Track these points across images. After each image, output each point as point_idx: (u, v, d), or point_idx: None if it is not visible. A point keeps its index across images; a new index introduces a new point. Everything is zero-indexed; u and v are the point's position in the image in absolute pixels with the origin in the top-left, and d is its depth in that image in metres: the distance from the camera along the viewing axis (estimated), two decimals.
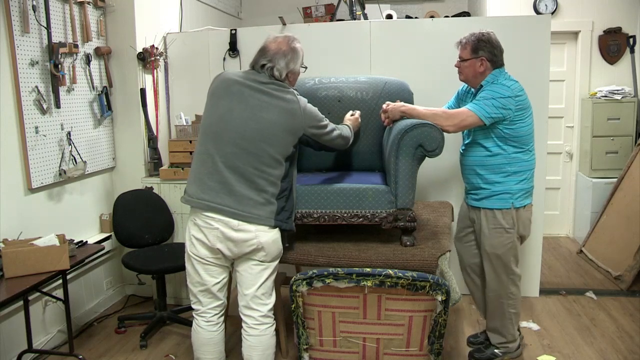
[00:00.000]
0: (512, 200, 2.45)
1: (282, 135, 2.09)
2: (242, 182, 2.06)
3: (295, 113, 2.10)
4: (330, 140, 2.26)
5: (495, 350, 2.66)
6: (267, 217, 2.08)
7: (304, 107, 2.14)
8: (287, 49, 2.12)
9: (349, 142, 2.38)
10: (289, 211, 2.20)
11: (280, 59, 2.11)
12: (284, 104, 2.10)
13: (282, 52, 2.11)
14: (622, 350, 2.79)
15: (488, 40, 2.42)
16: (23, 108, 2.69)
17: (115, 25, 3.36)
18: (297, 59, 2.15)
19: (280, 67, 2.11)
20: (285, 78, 2.14)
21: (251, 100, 2.08)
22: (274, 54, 2.11)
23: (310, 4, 4.63)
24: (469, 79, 2.49)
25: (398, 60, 3.31)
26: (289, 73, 2.15)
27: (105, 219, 3.36)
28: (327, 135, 2.23)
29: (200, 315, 2.22)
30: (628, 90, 4.36)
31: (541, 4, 4.44)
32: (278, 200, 2.12)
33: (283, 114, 2.09)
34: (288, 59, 2.12)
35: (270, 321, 2.19)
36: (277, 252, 2.17)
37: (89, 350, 2.91)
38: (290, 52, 2.13)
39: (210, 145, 2.10)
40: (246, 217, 2.05)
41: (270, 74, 2.11)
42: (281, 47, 2.12)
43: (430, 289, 1.87)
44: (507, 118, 2.37)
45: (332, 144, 2.29)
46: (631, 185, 3.94)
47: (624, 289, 3.59)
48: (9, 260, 2.35)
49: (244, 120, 2.07)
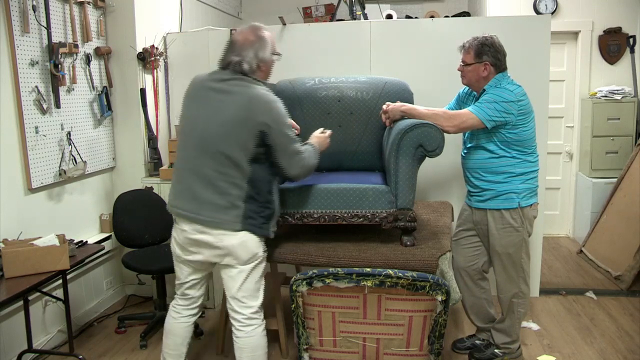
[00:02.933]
0: (518, 200, 2.45)
1: (235, 131, 2.01)
2: (205, 186, 2.06)
3: (251, 104, 2.01)
4: (286, 151, 2.06)
5: (496, 350, 2.66)
6: (232, 221, 2.04)
7: (266, 100, 2.02)
8: (254, 38, 2.07)
9: (307, 173, 2.17)
10: (266, 217, 2.12)
11: (248, 49, 2.06)
12: (241, 98, 2.02)
13: (250, 42, 2.06)
14: (622, 350, 2.79)
15: (492, 45, 2.41)
16: (23, 108, 2.69)
17: (115, 25, 3.36)
18: (265, 46, 2.08)
19: (250, 58, 2.05)
20: (256, 69, 2.08)
21: (212, 103, 2.07)
22: (241, 47, 2.06)
23: (310, 4, 4.63)
24: (472, 83, 2.49)
25: (398, 60, 3.31)
26: (260, 63, 2.08)
27: (105, 219, 3.36)
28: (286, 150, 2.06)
29: (172, 306, 2.32)
30: (628, 90, 4.36)
31: (541, 4, 4.44)
32: (247, 202, 2.05)
33: (239, 109, 2.02)
34: (256, 48, 2.06)
35: (257, 322, 2.17)
36: (247, 255, 2.10)
37: (89, 350, 2.91)
38: (258, 41, 2.07)
39: (180, 152, 2.15)
40: (208, 222, 2.05)
41: (238, 69, 2.06)
42: (248, 37, 2.08)
43: (430, 289, 1.87)
44: (509, 122, 2.37)
45: (288, 165, 2.08)
46: (631, 185, 3.94)
47: (624, 289, 3.59)
48: (9, 260, 2.35)
49: (205, 124, 2.06)
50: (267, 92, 2.07)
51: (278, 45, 3.42)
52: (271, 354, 2.82)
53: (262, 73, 2.12)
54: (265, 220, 2.12)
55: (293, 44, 3.39)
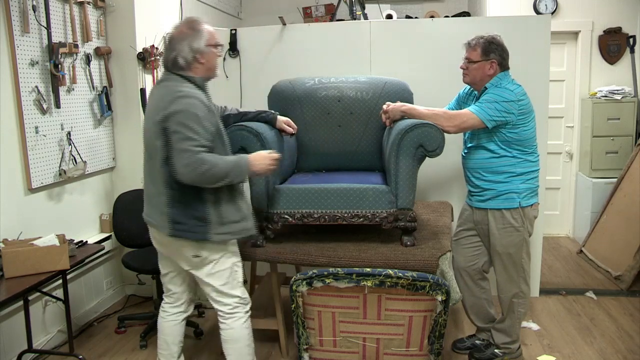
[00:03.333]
0: (519, 200, 2.45)
1: (150, 134, 2.01)
2: (147, 189, 2.15)
3: (160, 103, 1.96)
4: (177, 152, 1.91)
5: (496, 350, 2.66)
6: (162, 225, 2.08)
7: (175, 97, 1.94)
8: (187, 31, 2.04)
9: (199, 178, 1.94)
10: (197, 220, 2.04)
11: (181, 42, 2.02)
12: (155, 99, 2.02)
13: (183, 34, 2.03)
14: (622, 350, 2.79)
15: (499, 44, 2.42)
16: (23, 108, 2.69)
17: (115, 25, 3.36)
18: (199, 37, 2.03)
19: (185, 52, 2.01)
20: (193, 61, 2.03)
21: (147, 109, 2.13)
22: (176, 41, 2.03)
23: (310, 4, 4.63)
24: (476, 81, 2.48)
25: (398, 60, 3.31)
26: (197, 55, 2.03)
27: (105, 219, 3.36)
28: (176, 145, 1.92)
29: (161, 305, 2.37)
30: (628, 90, 4.36)
31: (541, 4, 4.44)
32: (172, 207, 2.03)
33: (152, 110, 2.00)
34: (189, 40, 2.02)
35: (238, 315, 2.20)
36: (184, 260, 2.13)
37: (89, 350, 2.91)
38: (191, 32, 2.03)
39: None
40: (155, 225, 2.13)
41: (172, 66, 2.04)
42: (182, 30, 2.05)
43: (430, 289, 1.87)
44: (510, 122, 2.37)
45: (176, 162, 1.92)
46: (631, 185, 3.94)
47: (624, 289, 3.59)
48: (9, 260, 2.35)
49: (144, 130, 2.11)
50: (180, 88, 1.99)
51: (278, 45, 3.41)
52: (271, 353, 2.83)
53: (201, 66, 2.05)
54: (199, 223, 2.05)
55: (293, 44, 3.39)
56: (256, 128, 2.34)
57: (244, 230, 2.16)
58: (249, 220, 2.18)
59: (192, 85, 2.03)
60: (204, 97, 2.04)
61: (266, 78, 3.15)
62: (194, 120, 1.93)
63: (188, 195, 2.03)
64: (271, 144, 2.36)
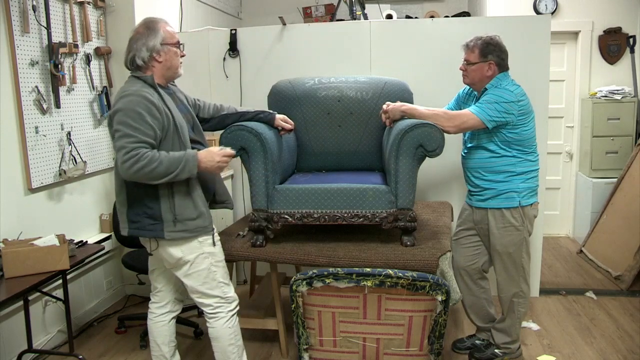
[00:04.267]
0: (518, 199, 2.45)
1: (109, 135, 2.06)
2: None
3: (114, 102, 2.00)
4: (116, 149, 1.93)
5: (496, 350, 2.66)
6: (122, 225, 2.11)
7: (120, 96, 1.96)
8: (142, 30, 2.05)
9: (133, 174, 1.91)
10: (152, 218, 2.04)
11: (138, 42, 2.03)
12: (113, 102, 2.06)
13: (139, 34, 2.04)
14: (622, 350, 2.79)
15: (497, 44, 2.42)
16: (23, 108, 2.69)
17: (115, 25, 3.36)
18: (154, 35, 2.03)
19: (141, 52, 2.02)
20: (150, 59, 2.03)
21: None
22: (133, 41, 2.04)
23: (310, 4, 4.62)
24: (475, 82, 2.48)
25: (398, 60, 3.31)
26: (153, 53, 2.03)
27: (105, 219, 3.36)
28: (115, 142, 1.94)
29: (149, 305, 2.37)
30: (628, 90, 4.36)
31: (541, 4, 4.44)
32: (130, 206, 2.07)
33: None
34: (145, 39, 2.02)
35: (220, 315, 2.21)
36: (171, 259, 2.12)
37: (89, 350, 2.91)
38: (145, 31, 2.04)
39: None
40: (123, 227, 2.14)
41: (131, 64, 2.05)
42: (139, 30, 2.06)
43: (430, 289, 1.87)
44: (510, 122, 2.37)
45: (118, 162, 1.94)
46: (631, 185, 3.94)
47: (624, 289, 3.59)
48: (9, 260, 2.35)
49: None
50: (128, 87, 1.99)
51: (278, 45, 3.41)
52: (271, 353, 2.83)
53: (159, 65, 2.06)
54: (153, 221, 2.05)
55: (293, 44, 3.39)
56: (256, 128, 2.34)
57: (199, 228, 2.09)
58: (205, 217, 2.13)
59: (142, 83, 2.01)
60: (154, 95, 1.99)
61: (266, 78, 3.16)
62: (132, 118, 1.91)
63: (142, 192, 2.03)
64: (271, 143, 2.36)
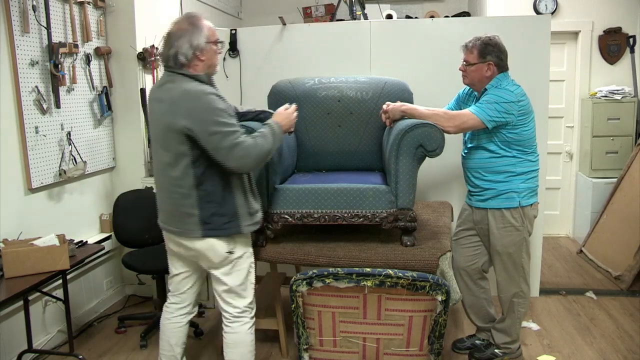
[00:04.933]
0: (518, 199, 2.45)
1: (169, 141, 1.97)
2: (163, 197, 2.13)
3: (174, 109, 1.94)
4: (225, 151, 1.92)
5: (496, 350, 2.66)
6: (192, 229, 2.05)
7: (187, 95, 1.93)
8: (187, 26, 1.99)
9: (254, 161, 1.99)
10: (228, 215, 2.06)
11: (181, 39, 1.97)
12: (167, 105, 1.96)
13: (183, 30, 1.98)
14: (622, 350, 2.79)
15: (495, 45, 2.41)
16: (23, 108, 2.69)
17: (115, 25, 3.36)
18: (199, 33, 1.99)
19: (185, 48, 1.97)
20: (193, 58, 1.99)
21: (153, 115, 2.09)
22: (175, 38, 1.98)
23: (310, 4, 4.63)
24: (475, 82, 2.48)
25: (398, 60, 3.30)
26: (196, 51, 1.98)
27: (105, 219, 3.36)
28: (219, 147, 1.92)
29: (165, 306, 2.34)
30: (628, 90, 4.36)
31: (541, 4, 4.44)
32: (202, 208, 2.02)
33: (166, 116, 1.97)
34: (189, 36, 1.97)
35: (244, 320, 2.19)
36: (217, 258, 2.10)
37: (89, 350, 2.91)
38: (190, 28, 1.98)
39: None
40: (176, 232, 2.11)
41: (174, 62, 1.99)
42: (181, 26, 2.00)
43: (430, 289, 1.87)
44: (510, 123, 2.37)
45: (225, 159, 1.94)
46: (631, 185, 3.94)
47: (624, 289, 3.59)
48: (9, 260, 2.35)
49: (153, 137, 2.10)
50: (194, 87, 1.96)
51: (278, 45, 3.41)
52: (271, 353, 2.83)
53: (201, 63, 2.01)
54: (229, 219, 2.07)
55: (293, 44, 3.39)
56: (256, 128, 2.34)
57: (261, 220, 2.21)
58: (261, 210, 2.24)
59: (198, 82, 1.99)
60: (216, 90, 2.02)
61: (266, 78, 3.15)
62: (221, 116, 1.93)
63: (218, 192, 2.04)
64: None
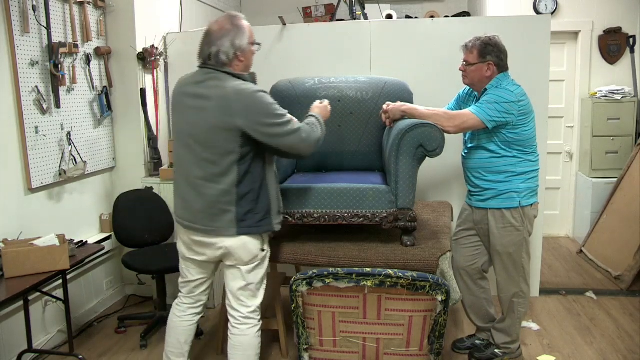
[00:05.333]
0: (519, 199, 2.45)
1: (216, 136, 1.97)
2: (195, 195, 2.06)
3: (227, 103, 1.94)
4: (282, 137, 1.98)
5: (496, 350, 2.66)
6: (226, 227, 2.03)
7: (242, 95, 1.94)
8: (230, 27, 2.00)
9: (311, 146, 2.06)
10: (262, 212, 2.08)
11: (224, 38, 1.98)
12: (217, 103, 1.95)
13: (226, 30, 1.99)
14: (622, 350, 2.79)
15: (495, 45, 2.41)
16: (23, 108, 2.69)
17: (115, 25, 3.36)
18: (243, 34, 2.01)
19: (226, 48, 1.98)
20: (234, 58, 2.00)
21: (191, 111, 2.03)
22: (217, 36, 1.99)
23: (310, 4, 4.62)
24: (475, 82, 2.48)
25: (398, 60, 3.31)
26: (238, 52, 2.00)
27: (105, 219, 3.36)
28: (276, 128, 1.96)
29: (177, 304, 2.31)
30: (628, 90, 4.36)
31: (541, 4, 4.44)
32: (239, 206, 2.02)
33: (214, 110, 1.96)
34: (232, 37, 1.98)
35: (253, 322, 2.17)
36: (247, 256, 2.09)
37: (89, 350, 2.91)
38: (234, 29, 2.00)
39: (174, 161, 2.17)
40: (205, 230, 2.07)
41: (216, 61, 1.99)
42: (224, 26, 2.00)
43: (430, 289, 1.87)
44: (510, 123, 2.37)
45: (287, 145, 2.01)
46: (631, 185, 3.94)
47: (624, 289, 3.59)
48: (9, 260, 2.35)
49: (186, 133, 2.05)
50: (244, 86, 1.97)
51: (278, 45, 3.41)
52: (271, 354, 2.83)
53: (240, 64, 2.03)
54: (263, 216, 2.09)
55: (293, 44, 3.39)
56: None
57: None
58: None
59: (242, 81, 2.00)
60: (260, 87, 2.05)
61: (266, 78, 3.14)
62: (276, 109, 1.98)
63: (255, 189, 2.05)
64: None
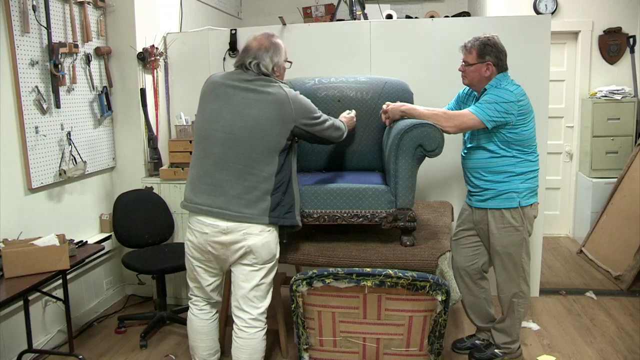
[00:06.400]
0: (518, 199, 2.45)
1: (270, 129, 2.10)
2: (233, 181, 2.09)
3: (283, 104, 2.11)
4: (323, 131, 2.24)
5: (496, 350, 2.66)
6: (259, 214, 2.08)
7: (294, 99, 2.14)
8: (269, 44, 2.17)
9: (343, 135, 2.36)
10: (288, 205, 2.18)
11: (263, 54, 2.15)
12: (270, 97, 2.11)
13: (265, 47, 2.16)
14: (622, 350, 2.79)
15: (494, 45, 2.42)
16: (23, 108, 2.69)
17: (115, 25, 3.36)
18: (280, 52, 2.20)
19: (266, 62, 2.15)
20: (272, 72, 2.18)
21: (236, 100, 2.12)
22: (256, 51, 2.16)
23: (310, 4, 4.62)
24: (474, 83, 2.49)
25: (398, 60, 3.31)
26: (275, 67, 2.19)
27: (105, 219, 3.36)
28: (319, 126, 2.22)
29: (193, 304, 2.32)
30: (628, 90, 4.36)
31: (541, 4, 4.44)
32: (273, 196, 2.11)
33: (270, 107, 2.10)
34: (271, 53, 2.16)
35: (260, 325, 2.18)
36: (268, 255, 2.14)
37: (89, 350, 2.91)
38: (272, 47, 2.18)
39: (200, 148, 2.17)
40: (236, 217, 2.07)
41: (257, 70, 2.15)
42: (263, 43, 2.17)
43: (430, 289, 1.86)
44: (510, 123, 2.37)
45: (326, 136, 2.27)
46: (631, 185, 3.94)
47: (624, 289, 3.59)
48: (9, 260, 2.35)
49: (230, 120, 2.10)
50: (292, 91, 2.17)
51: None
52: (271, 354, 2.83)
53: (276, 77, 2.21)
54: (288, 209, 2.17)
55: (293, 44, 3.38)
56: None
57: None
58: None
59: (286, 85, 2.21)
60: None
61: None
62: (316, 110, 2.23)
63: (286, 181, 2.17)
64: None
